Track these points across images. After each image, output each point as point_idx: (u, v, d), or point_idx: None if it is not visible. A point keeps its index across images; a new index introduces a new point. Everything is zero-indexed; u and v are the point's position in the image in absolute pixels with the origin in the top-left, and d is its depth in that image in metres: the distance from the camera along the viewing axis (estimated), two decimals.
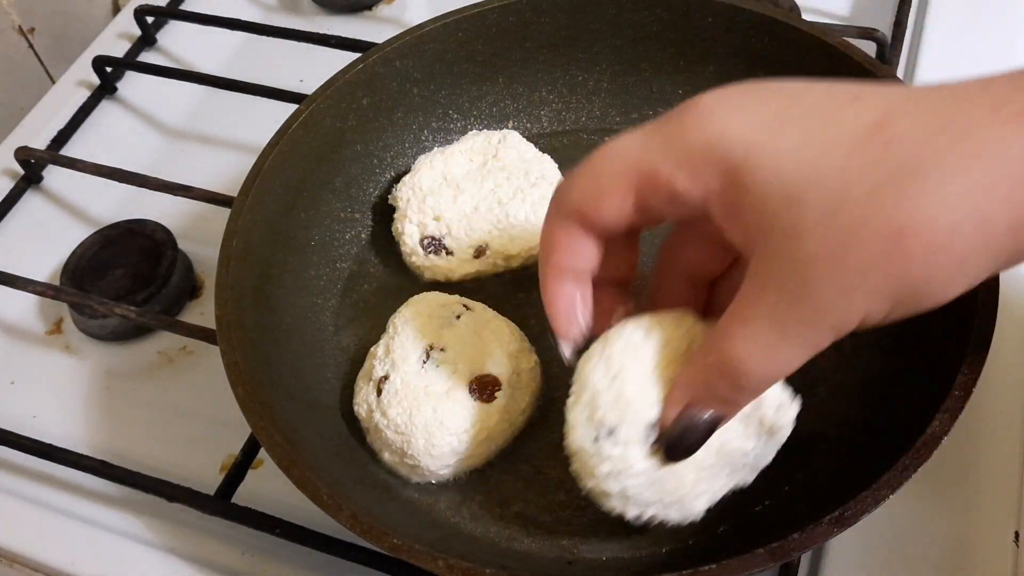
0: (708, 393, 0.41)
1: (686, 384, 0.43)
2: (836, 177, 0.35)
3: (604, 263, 0.45)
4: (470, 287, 0.65)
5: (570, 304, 0.46)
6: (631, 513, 0.48)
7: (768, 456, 0.49)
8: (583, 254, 0.44)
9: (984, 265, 0.35)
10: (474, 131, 0.70)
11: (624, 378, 0.44)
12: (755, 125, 0.37)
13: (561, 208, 0.44)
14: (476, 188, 0.65)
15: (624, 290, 0.48)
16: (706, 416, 0.42)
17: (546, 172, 0.67)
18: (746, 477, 0.50)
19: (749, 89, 0.39)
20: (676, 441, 0.43)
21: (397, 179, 0.69)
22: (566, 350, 0.47)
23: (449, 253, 0.64)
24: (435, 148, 0.69)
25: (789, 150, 0.36)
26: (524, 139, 0.69)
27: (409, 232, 0.65)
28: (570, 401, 0.47)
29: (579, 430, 0.46)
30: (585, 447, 0.46)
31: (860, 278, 0.35)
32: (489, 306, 0.62)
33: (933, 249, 0.34)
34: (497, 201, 0.65)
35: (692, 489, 0.47)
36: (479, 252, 0.64)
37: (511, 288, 0.65)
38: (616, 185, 0.41)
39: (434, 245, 0.64)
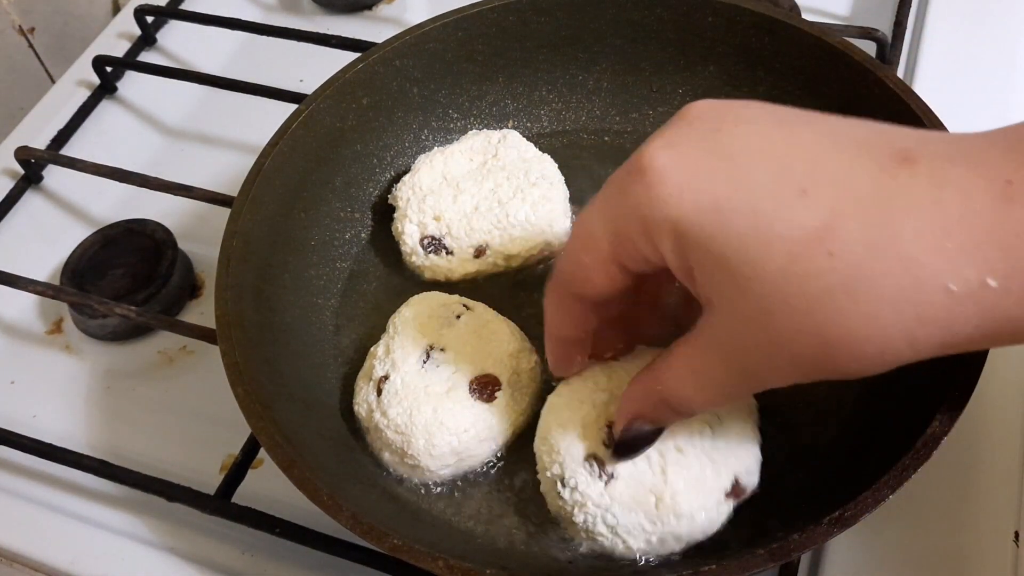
0: (653, 412, 0.47)
1: (633, 401, 0.48)
2: (777, 280, 0.37)
3: (609, 312, 0.50)
4: (470, 287, 0.65)
5: (568, 359, 0.52)
6: (636, 544, 0.50)
7: (737, 432, 0.51)
8: (582, 324, 0.49)
9: (909, 360, 0.38)
10: (474, 131, 0.70)
11: (549, 434, 0.53)
12: (706, 205, 0.38)
13: (558, 289, 0.48)
14: (476, 188, 0.65)
15: (627, 327, 0.53)
16: (646, 428, 0.48)
17: (546, 172, 0.67)
18: (742, 469, 0.51)
19: (704, 157, 0.39)
20: (626, 445, 0.49)
21: (397, 179, 0.69)
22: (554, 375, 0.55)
23: (449, 253, 0.64)
24: (435, 148, 0.69)
25: (735, 239, 0.38)
26: (524, 139, 0.69)
27: (409, 232, 0.65)
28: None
29: (548, 492, 0.53)
30: (557, 503, 0.52)
31: (794, 369, 0.39)
32: (489, 306, 0.62)
33: (860, 358, 0.38)
34: (497, 201, 0.65)
35: (674, 498, 0.49)
36: (479, 252, 0.64)
37: (511, 288, 0.65)
38: (598, 265, 0.44)
39: (434, 245, 0.64)
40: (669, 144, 0.40)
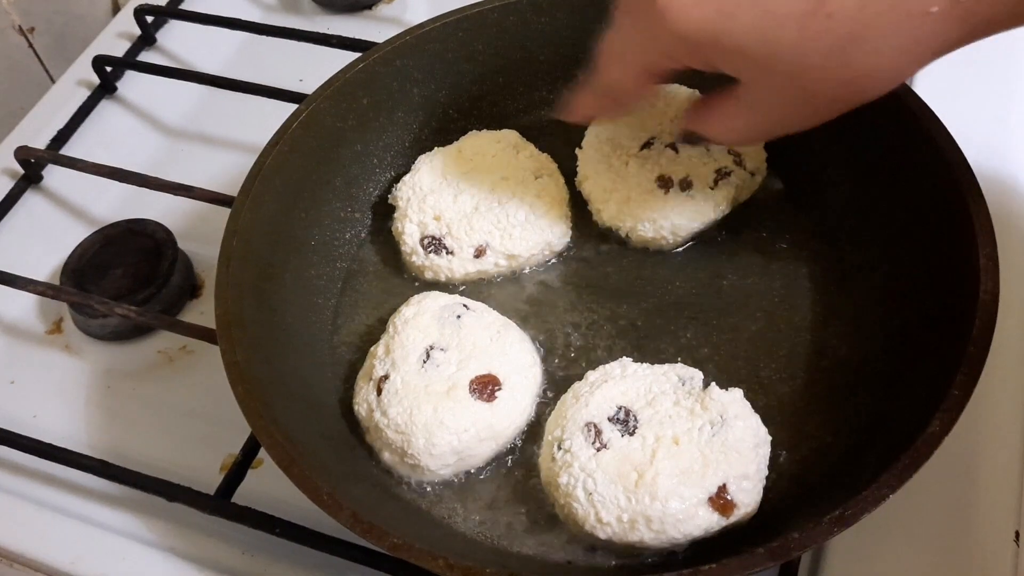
0: (705, 135, 0.57)
1: (691, 122, 0.58)
2: (793, 50, 0.44)
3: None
4: (471, 287, 0.65)
5: (584, 116, 0.62)
6: (607, 517, 0.51)
7: (737, 438, 0.52)
8: (608, 111, 0.61)
9: (919, 69, 0.46)
10: (474, 131, 0.70)
11: (562, 401, 0.56)
12: (711, 12, 0.45)
13: (595, 87, 0.56)
14: (476, 188, 0.65)
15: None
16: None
17: (546, 171, 0.67)
18: (733, 475, 0.51)
19: None
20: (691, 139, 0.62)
21: (397, 179, 0.69)
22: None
23: (449, 253, 0.64)
24: (435, 148, 0.69)
25: (747, 30, 0.45)
26: (523, 139, 0.69)
27: (409, 231, 0.65)
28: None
29: (544, 457, 0.55)
30: (548, 466, 0.54)
31: (827, 109, 0.48)
32: (489, 306, 0.62)
33: (879, 82, 0.46)
34: (497, 201, 0.65)
35: (655, 480, 0.50)
36: (479, 252, 0.64)
37: (511, 288, 0.65)
38: (629, 79, 0.53)
39: (434, 244, 0.64)
40: None
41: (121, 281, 0.72)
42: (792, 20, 0.43)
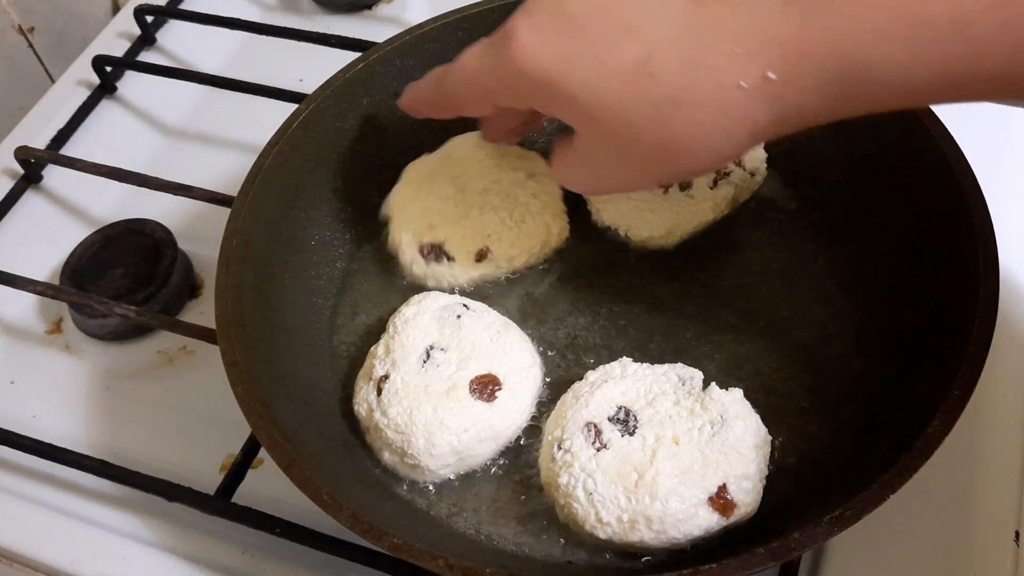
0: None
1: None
2: (616, 105, 0.46)
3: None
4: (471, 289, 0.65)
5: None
6: (607, 517, 0.51)
7: (738, 438, 0.52)
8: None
9: (736, 152, 0.46)
10: (460, 135, 0.69)
11: (562, 401, 0.57)
12: (554, 58, 0.47)
13: (440, 97, 0.57)
14: (469, 192, 0.65)
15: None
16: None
17: (537, 168, 0.67)
18: (733, 475, 0.51)
19: (551, 20, 0.48)
20: None
21: (397, 180, 0.69)
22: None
23: (451, 259, 0.64)
24: (422, 155, 0.68)
25: (582, 81, 0.46)
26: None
27: (407, 242, 0.64)
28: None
29: (544, 457, 0.55)
30: (548, 466, 0.54)
31: (644, 171, 0.49)
32: (489, 306, 0.62)
33: (693, 153, 0.46)
34: (492, 204, 0.65)
35: (655, 480, 0.50)
36: (481, 256, 0.64)
37: (511, 288, 0.65)
38: (475, 100, 0.55)
39: (435, 252, 0.64)
40: (527, 12, 0.49)
41: (121, 281, 0.72)
42: (618, 75, 0.45)
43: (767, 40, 0.42)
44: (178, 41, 0.94)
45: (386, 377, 0.57)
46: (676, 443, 0.52)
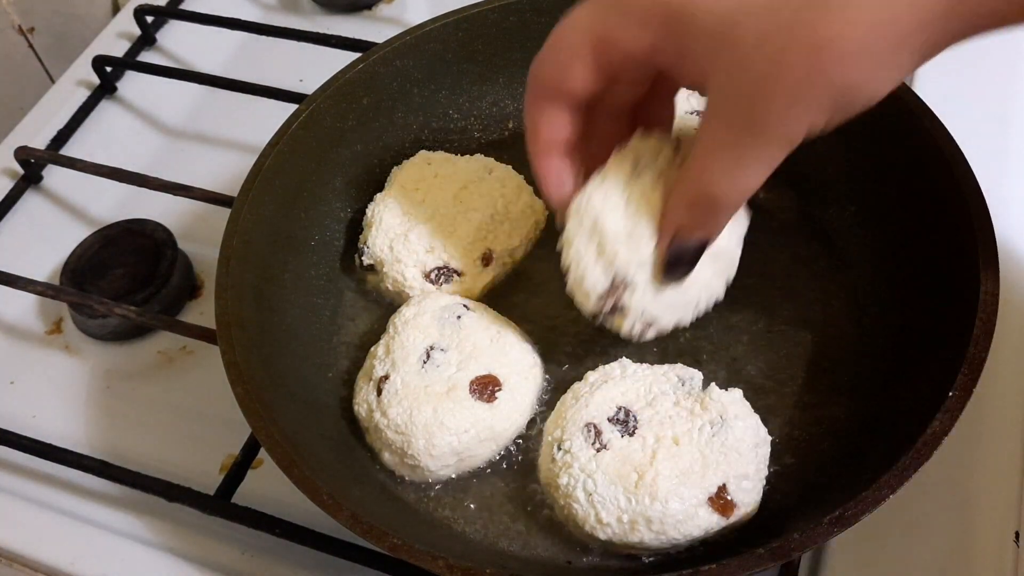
0: (692, 222, 0.48)
1: (671, 216, 0.49)
2: (762, 6, 0.40)
3: (596, 133, 0.51)
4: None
5: (558, 175, 0.52)
6: (607, 518, 0.51)
7: (737, 438, 0.52)
8: (561, 126, 0.50)
9: (901, 62, 0.40)
10: (395, 167, 0.68)
11: (562, 402, 0.56)
12: None
13: (535, 90, 0.49)
14: (443, 206, 0.64)
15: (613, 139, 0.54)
16: (694, 240, 0.49)
17: (487, 164, 0.67)
18: (732, 475, 0.51)
19: None
20: (673, 263, 0.50)
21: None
22: (559, 216, 0.54)
23: (460, 274, 0.63)
24: (375, 195, 0.67)
25: (723, 4, 0.41)
26: (443, 152, 0.69)
27: (411, 276, 0.63)
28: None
29: (544, 458, 0.55)
30: (548, 466, 0.54)
31: (798, 93, 0.40)
32: (489, 306, 0.62)
33: (852, 57, 0.39)
34: (471, 207, 0.64)
35: (655, 480, 0.51)
36: (486, 259, 0.64)
37: (511, 288, 0.65)
38: (576, 56, 0.46)
39: (443, 273, 0.63)
40: None
41: (121, 281, 0.72)
42: None
43: None
44: (178, 41, 0.94)
45: (386, 377, 0.57)
46: (676, 443, 0.52)
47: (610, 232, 0.51)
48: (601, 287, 0.52)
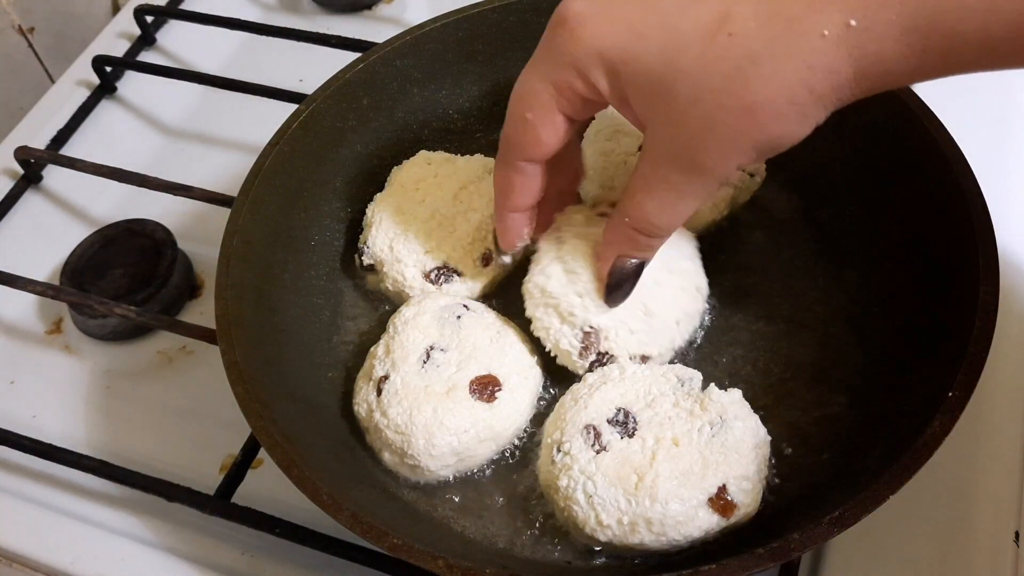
0: (631, 249, 0.53)
1: (612, 246, 0.54)
2: (695, 71, 0.44)
3: (551, 181, 0.55)
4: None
5: (518, 231, 0.58)
6: (607, 520, 0.51)
7: (737, 439, 0.53)
8: (532, 189, 0.55)
9: (818, 115, 0.44)
10: (395, 167, 0.68)
11: (561, 403, 0.57)
12: (623, 32, 0.45)
13: (509, 156, 0.53)
14: (442, 205, 0.65)
15: (568, 194, 0.61)
16: (631, 264, 0.54)
17: (484, 167, 0.66)
18: (732, 475, 0.51)
19: None
20: (615, 286, 0.55)
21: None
22: (506, 258, 0.63)
23: (460, 274, 0.63)
24: (374, 196, 0.67)
25: (655, 51, 0.44)
26: (443, 152, 0.69)
27: (411, 276, 0.63)
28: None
29: (543, 461, 0.56)
30: (547, 468, 0.55)
31: (729, 145, 0.45)
32: (489, 306, 0.62)
33: (779, 115, 0.44)
34: (470, 207, 0.64)
35: (655, 482, 0.51)
36: (486, 259, 0.64)
37: (510, 289, 0.65)
38: (545, 114, 0.50)
39: (442, 273, 0.63)
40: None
41: (121, 281, 0.72)
42: (696, 38, 0.43)
43: None
44: (178, 41, 0.94)
45: (386, 377, 0.57)
46: (676, 444, 0.52)
47: (559, 295, 0.57)
48: (577, 344, 0.57)
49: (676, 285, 0.58)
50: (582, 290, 0.56)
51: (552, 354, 0.58)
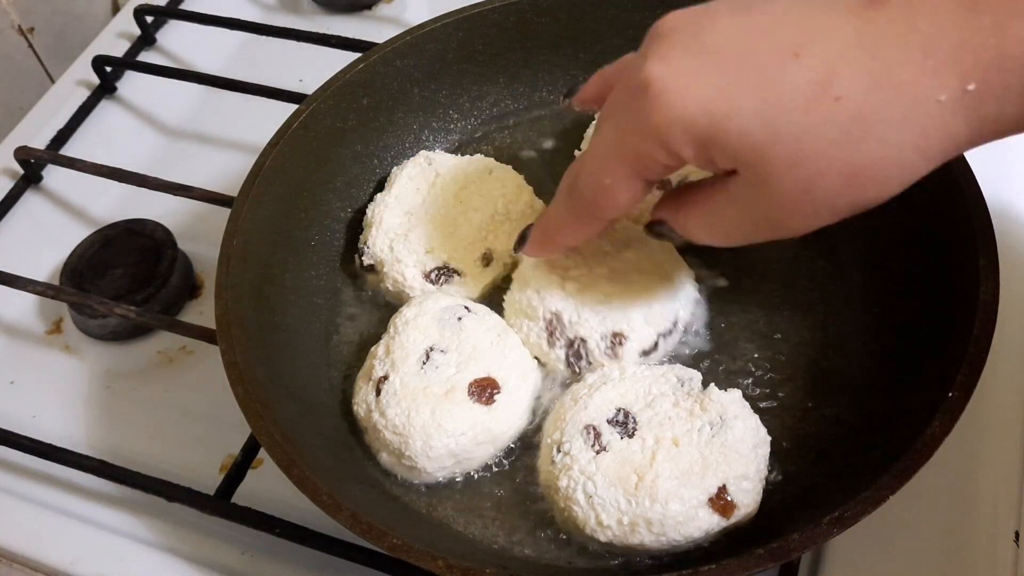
0: (672, 234, 0.52)
1: (658, 219, 0.52)
2: (798, 135, 0.41)
3: None
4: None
5: (550, 255, 0.59)
6: (608, 520, 0.51)
7: (737, 439, 0.52)
8: (589, 236, 0.54)
9: (925, 172, 0.42)
10: (395, 167, 0.69)
11: (560, 404, 0.57)
12: (712, 95, 0.42)
13: (580, 211, 0.51)
14: (445, 205, 0.65)
15: None
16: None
17: (486, 167, 0.67)
18: (732, 475, 0.51)
19: (694, 58, 0.43)
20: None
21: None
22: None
23: (460, 274, 0.63)
24: (377, 194, 0.67)
25: (750, 114, 0.42)
26: (444, 152, 0.69)
27: (412, 276, 0.63)
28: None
29: (543, 461, 0.56)
30: (547, 469, 0.55)
31: (825, 207, 0.43)
32: (489, 307, 0.62)
33: (885, 180, 0.42)
34: (472, 207, 0.64)
35: (655, 482, 0.51)
36: (487, 259, 0.64)
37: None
38: (623, 185, 0.48)
39: (443, 273, 0.63)
40: (660, 59, 0.44)
41: (121, 281, 0.72)
42: (798, 104, 0.41)
43: (959, 49, 0.39)
44: (178, 41, 0.94)
45: (385, 378, 0.57)
46: (676, 444, 0.52)
47: (519, 297, 0.59)
48: (544, 334, 0.58)
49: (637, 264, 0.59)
50: (538, 287, 0.58)
51: (533, 355, 0.59)
